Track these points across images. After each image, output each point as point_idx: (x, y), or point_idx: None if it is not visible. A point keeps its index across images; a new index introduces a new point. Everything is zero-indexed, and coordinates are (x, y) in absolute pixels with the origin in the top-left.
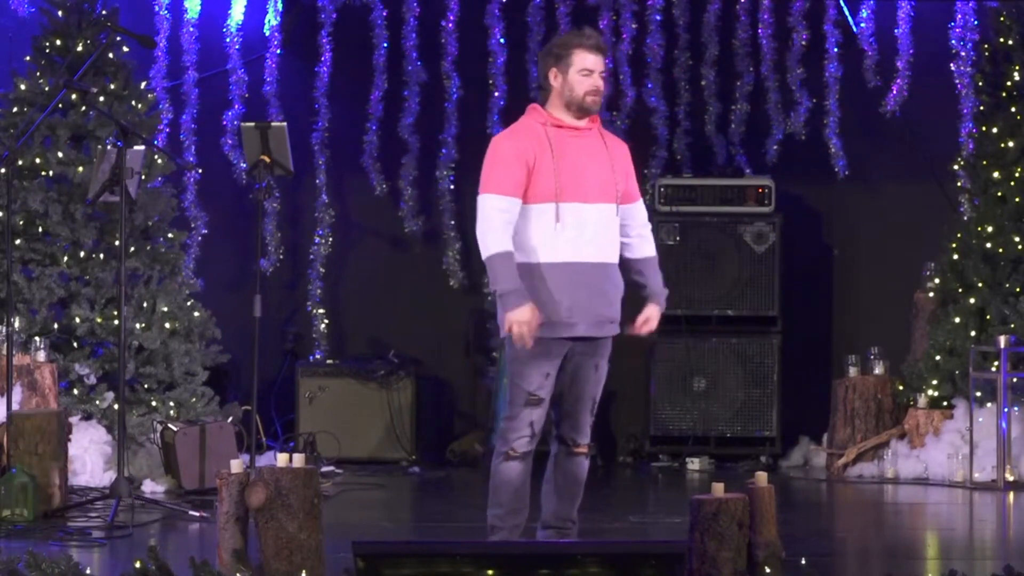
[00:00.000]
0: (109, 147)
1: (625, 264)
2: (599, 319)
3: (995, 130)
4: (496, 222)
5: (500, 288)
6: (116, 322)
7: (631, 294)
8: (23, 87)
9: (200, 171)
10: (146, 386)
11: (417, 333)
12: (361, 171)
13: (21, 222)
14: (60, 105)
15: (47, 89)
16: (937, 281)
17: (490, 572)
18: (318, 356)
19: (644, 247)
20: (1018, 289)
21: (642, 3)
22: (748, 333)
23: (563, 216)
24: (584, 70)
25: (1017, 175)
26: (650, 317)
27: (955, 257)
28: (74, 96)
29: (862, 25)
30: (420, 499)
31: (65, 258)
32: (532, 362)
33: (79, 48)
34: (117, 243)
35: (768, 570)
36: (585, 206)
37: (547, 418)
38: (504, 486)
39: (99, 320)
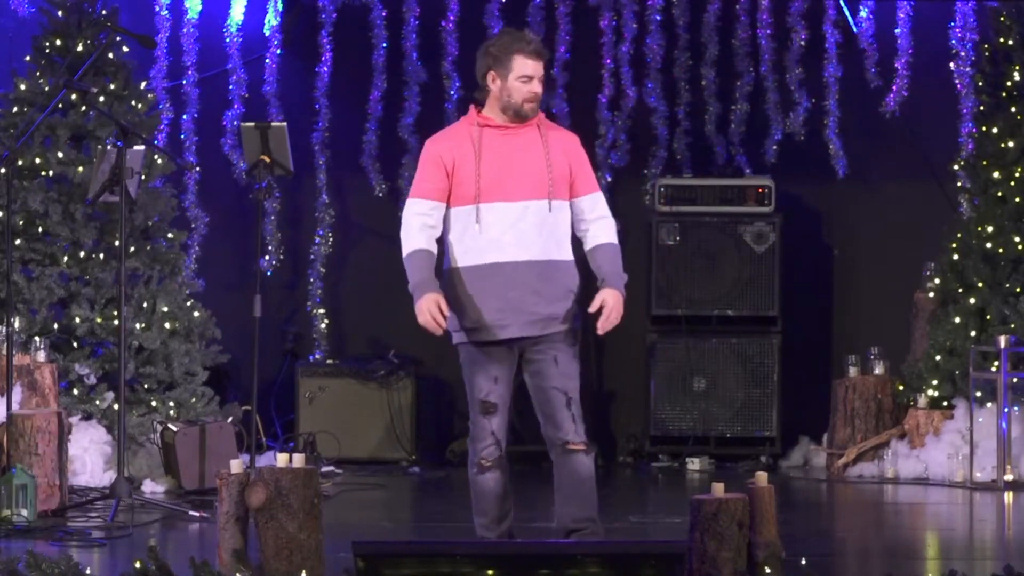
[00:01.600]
0: (109, 147)
1: (586, 259)
2: (533, 318)
3: (995, 130)
4: (412, 225)
5: (410, 284)
6: (116, 322)
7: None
8: (23, 87)
9: (200, 171)
10: (146, 386)
11: (417, 333)
12: (361, 171)
13: (21, 222)
14: (60, 105)
15: (47, 89)
16: (937, 281)
17: (490, 572)
18: (318, 356)
19: (596, 236)
20: (1018, 289)
21: (642, 3)
22: (748, 333)
23: (483, 217)
24: (523, 76)
25: (1017, 175)
26: (604, 303)
27: (955, 257)
28: (74, 96)
29: (862, 25)
30: (420, 499)
31: (65, 258)
32: (476, 368)
33: (79, 48)
34: (117, 243)
35: (768, 570)
36: (510, 204)
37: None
38: (483, 497)
39: (99, 320)
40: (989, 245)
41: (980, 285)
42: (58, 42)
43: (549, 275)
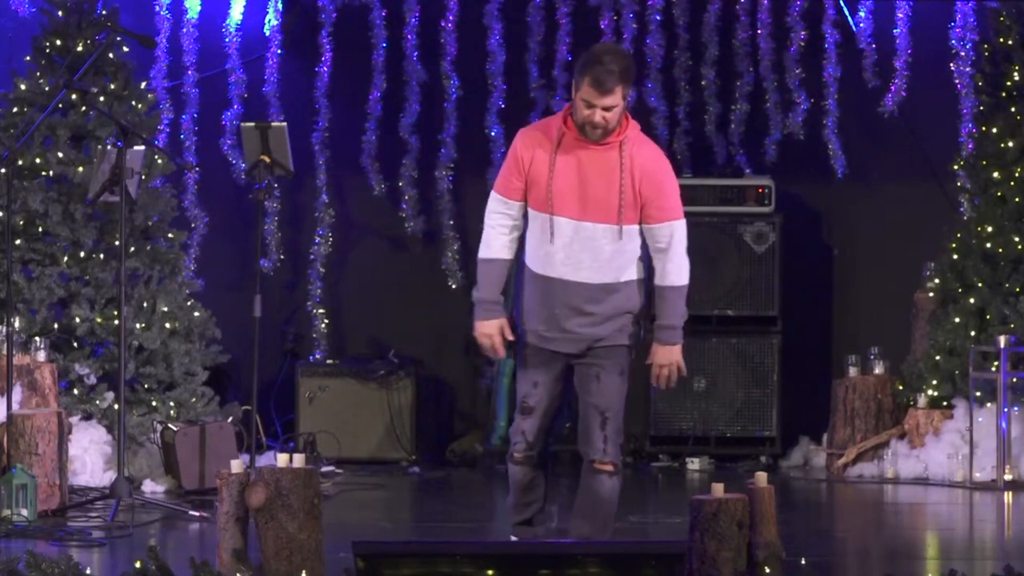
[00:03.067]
0: (109, 147)
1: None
2: (575, 338)
3: (995, 130)
4: (493, 222)
5: (476, 295)
6: (116, 322)
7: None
8: (23, 87)
9: (200, 171)
10: (146, 386)
11: (417, 333)
12: (361, 171)
13: (21, 222)
14: (60, 105)
15: (47, 89)
16: (937, 281)
17: (490, 572)
18: (318, 356)
19: (662, 276)
20: (1018, 289)
21: (642, 3)
22: (748, 333)
23: (555, 229)
24: (585, 101)
25: (1017, 175)
26: (655, 360)
27: (955, 257)
28: (74, 96)
29: (861, 25)
30: (420, 499)
31: (65, 258)
32: (523, 368)
33: (79, 48)
34: (117, 243)
35: (768, 570)
36: (576, 223)
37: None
38: (512, 484)
39: (99, 320)
40: (989, 245)
41: (980, 285)
42: (58, 42)
43: (602, 298)
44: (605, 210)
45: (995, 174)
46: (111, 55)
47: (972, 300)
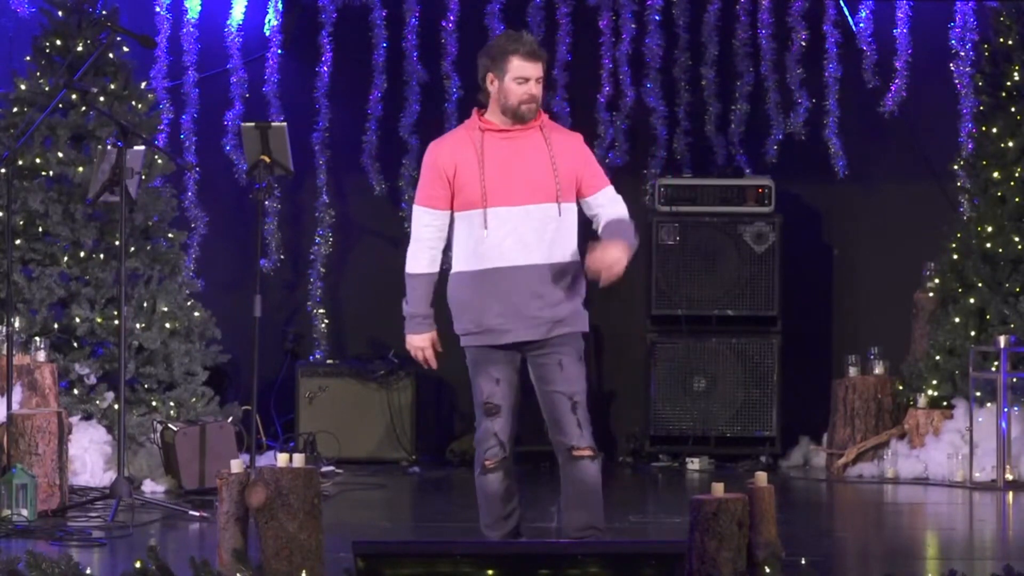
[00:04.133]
0: (109, 147)
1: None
2: (536, 322)
3: (995, 130)
4: (422, 238)
5: (407, 309)
6: (116, 322)
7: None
8: (23, 87)
9: (200, 171)
10: (146, 386)
11: None
12: (361, 171)
13: (21, 222)
14: (60, 105)
15: (47, 89)
16: (937, 281)
17: (490, 572)
18: (318, 356)
19: (608, 215)
20: (1018, 289)
21: (642, 3)
22: (748, 333)
23: (490, 221)
24: (519, 78)
25: (1017, 175)
26: (601, 250)
27: (955, 257)
28: (74, 96)
29: (861, 25)
30: (420, 499)
31: (65, 258)
32: (479, 370)
33: (79, 48)
34: (117, 243)
35: (768, 570)
36: (514, 209)
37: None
38: (487, 499)
39: (99, 320)
40: (989, 245)
41: (980, 285)
42: (58, 42)
43: (553, 278)
44: (543, 191)
45: (995, 174)
46: (111, 55)
47: (972, 300)
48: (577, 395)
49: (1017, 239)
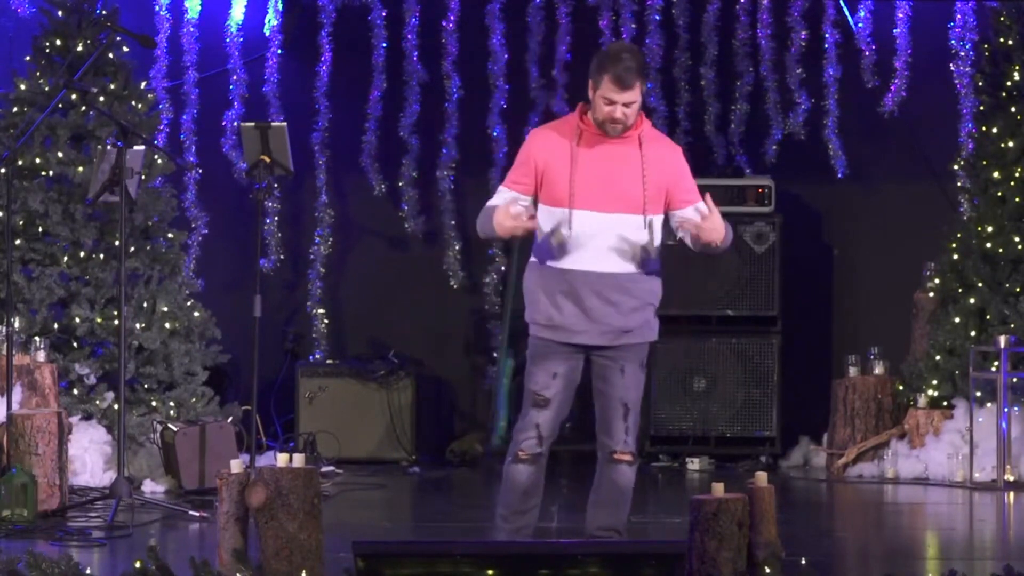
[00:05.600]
0: (109, 147)
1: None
2: (606, 329)
3: (995, 130)
4: (493, 201)
5: (481, 225)
6: (116, 322)
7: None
8: (23, 87)
9: (200, 171)
10: (146, 386)
11: (417, 333)
12: (361, 171)
13: (21, 222)
14: (60, 105)
15: (47, 89)
16: (937, 281)
17: (490, 572)
18: (318, 356)
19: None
20: (1018, 289)
21: (642, 3)
22: (748, 333)
23: (575, 223)
24: (606, 98)
25: (1017, 175)
26: (708, 217)
27: (955, 257)
28: (74, 96)
29: (860, 25)
30: (420, 499)
31: (65, 258)
32: (538, 361)
33: (79, 48)
34: (117, 243)
35: (768, 570)
36: (600, 215)
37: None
38: (511, 488)
39: (99, 320)
40: (989, 245)
41: (980, 285)
42: (58, 42)
43: (629, 288)
44: (630, 201)
45: (995, 174)
46: (111, 55)
47: (972, 300)
48: (632, 403)
49: (1017, 239)
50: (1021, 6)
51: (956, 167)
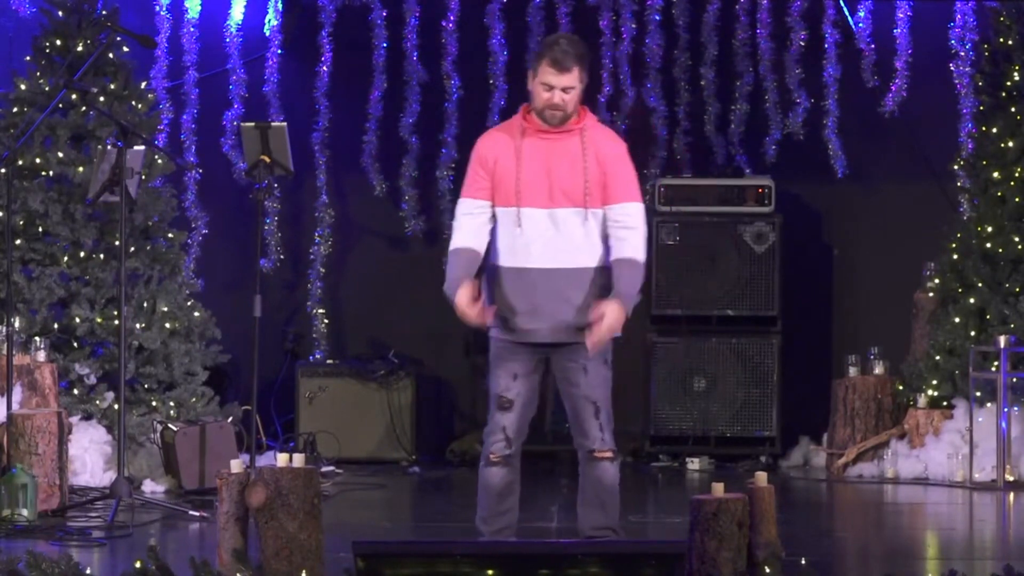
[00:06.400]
0: (109, 147)
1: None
2: (559, 325)
3: (995, 130)
4: (460, 224)
5: (446, 286)
6: (116, 322)
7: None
8: (23, 87)
9: (200, 171)
10: (146, 386)
11: (417, 333)
12: (361, 171)
13: (21, 222)
14: (60, 105)
15: (47, 89)
16: (937, 281)
17: (490, 572)
18: (318, 356)
19: (616, 250)
20: (1018, 289)
21: (642, 3)
22: (748, 333)
23: (523, 221)
24: (544, 84)
25: (1017, 175)
26: (602, 314)
27: (955, 257)
28: (74, 96)
29: (860, 25)
30: (420, 499)
31: (65, 258)
32: (499, 364)
33: (79, 48)
34: (117, 243)
35: (768, 570)
36: (544, 211)
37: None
38: (485, 490)
39: (99, 320)
40: (989, 245)
41: (980, 285)
42: (58, 42)
43: (580, 283)
44: (571, 195)
45: (995, 174)
46: (111, 55)
47: (972, 300)
48: (600, 400)
49: (1017, 239)
50: (1021, 6)
51: (956, 167)
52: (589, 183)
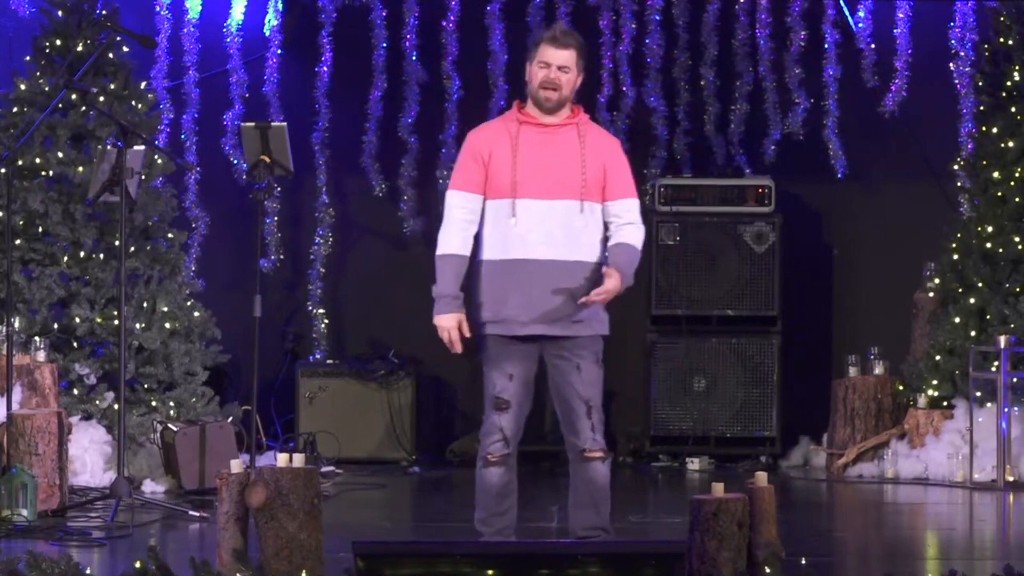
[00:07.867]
0: (109, 147)
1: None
2: (554, 317)
3: (995, 130)
4: (453, 220)
5: (436, 290)
6: (116, 322)
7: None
8: (23, 87)
9: (200, 171)
10: (146, 386)
11: (417, 333)
12: (361, 171)
13: (21, 222)
14: (60, 105)
15: (47, 89)
16: (937, 281)
17: (490, 572)
18: (318, 356)
19: (615, 237)
20: (1018, 289)
21: (642, 3)
22: (748, 333)
23: (519, 212)
24: (542, 62)
25: (1017, 175)
26: (602, 287)
27: (955, 257)
28: (74, 96)
29: (860, 25)
30: (420, 499)
31: (65, 258)
32: (494, 364)
33: (79, 48)
34: (117, 243)
35: (768, 570)
36: (541, 202)
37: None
38: (484, 491)
39: (99, 320)
40: (989, 245)
41: (980, 285)
42: (58, 42)
43: (575, 276)
44: (569, 187)
45: (995, 174)
46: (111, 55)
47: (972, 300)
48: (593, 399)
49: (1017, 239)
50: (1021, 6)
51: (956, 167)
52: (587, 176)
